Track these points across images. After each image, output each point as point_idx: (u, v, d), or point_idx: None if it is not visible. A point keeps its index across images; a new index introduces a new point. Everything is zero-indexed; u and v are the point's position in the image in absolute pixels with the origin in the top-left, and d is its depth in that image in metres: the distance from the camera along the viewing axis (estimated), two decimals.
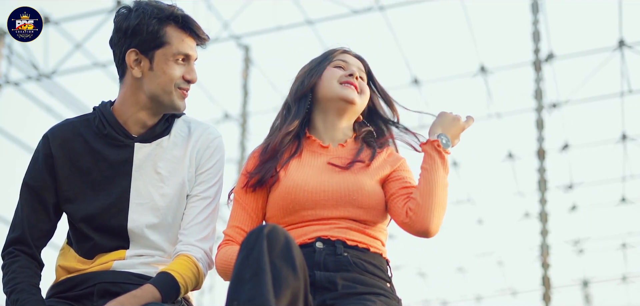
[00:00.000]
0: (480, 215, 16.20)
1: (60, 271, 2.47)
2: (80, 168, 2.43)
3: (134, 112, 2.43)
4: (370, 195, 2.44)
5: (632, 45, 11.18)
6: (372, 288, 2.34)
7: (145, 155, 2.44)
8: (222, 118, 12.91)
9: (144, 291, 2.28)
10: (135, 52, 2.39)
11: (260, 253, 1.98)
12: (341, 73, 2.60)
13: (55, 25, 10.84)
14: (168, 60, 2.39)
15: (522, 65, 11.86)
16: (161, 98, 2.41)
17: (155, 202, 2.43)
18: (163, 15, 2.38)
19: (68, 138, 2.45)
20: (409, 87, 12.13)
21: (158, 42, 2.38)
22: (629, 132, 12.75)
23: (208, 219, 2.48)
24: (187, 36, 2.42)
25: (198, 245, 2.44)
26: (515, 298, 19.04)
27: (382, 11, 11.00)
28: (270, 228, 2.02)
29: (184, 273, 2.36)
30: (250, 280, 1.94)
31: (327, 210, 2.43)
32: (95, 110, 2.48)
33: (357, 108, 2.60)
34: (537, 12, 10.43)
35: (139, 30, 2.37)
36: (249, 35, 11.85)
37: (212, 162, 2.51)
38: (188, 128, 2.53)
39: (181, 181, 2.46)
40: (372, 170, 2.51)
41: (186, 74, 2.42)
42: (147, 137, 2.45)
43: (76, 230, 2.45)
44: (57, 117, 10.99)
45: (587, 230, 16.75)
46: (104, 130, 2.43)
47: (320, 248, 2.38)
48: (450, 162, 14.46)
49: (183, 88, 2.43)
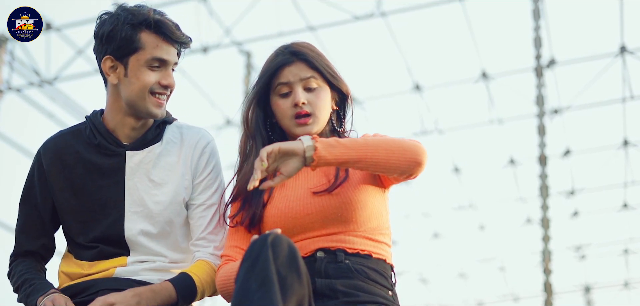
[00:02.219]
0: (482, 221, 16.19)
1: (63, 277, 2.48)
2: (73, 180, 2.42)
3: (119, 119, 2.42)
4: (359, 208, 2.36)
5: (633, 51, 11.18)
6: (373, 297, 2.31)
7: (137, 162, 2.42)
8: (224, 124, 12.90)
9: (161, 287, 2.30)
10: (110, 59, 2.37)
11: (266, 261, 1.95)
12: (288, 106, 2.41)
13: (57, 31, 10.86)
14: (142, 66, 2.35)
15: (523, 71, 11.86)
16: (136, 104, 2.37)
17: (149, 209, 2.42)
18: (136, 21, 2.34)
19: (60, 151, 2.45)
20: (410, 93, 12.14)
21: (132, 47, 2.34)
22: (630, 138, 12.74)
23: (218, 225, 2.48)
24: (162, 41, 2.36)
25: (216, 253, 2.44)
26: (517, 304, 19.03)
27: (384, 17, 11.01)
28: (274, 236, 2.00)
29: (203, 277, 2.37)
30: (258, 290, 1.92)
31: (319, 230, 2.37)
32: (87, 120, 2.48)
33: (315, 133, 2.42)
34: (538, 18, 10.43)
35: (113, 37, 2.34)
36: (251, 41, 11.85)
37: (210, 168, 2.49)
38: (180, 134, 2.50)
39: (175, 187, 2.44)
40: (355, 178, 2.40)
41: (162, 80, 2.37)
42: (139, 144, 2.44)
43: (74, 241, 2.45)
44: (59, 123, 11.00)
45: (589, 235, 16.74)
46: (95, 140, 2.42)
47: (321, 257, 2.34)
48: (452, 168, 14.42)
49: (158, 94, 2.38)
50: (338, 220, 2.36)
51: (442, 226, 16.45)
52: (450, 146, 13.90)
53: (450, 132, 13.18)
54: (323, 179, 2.40)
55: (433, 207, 15.71)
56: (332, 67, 2.49)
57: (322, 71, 2.45)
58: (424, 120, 12.58)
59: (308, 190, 2.39)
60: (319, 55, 2.47)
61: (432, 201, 15.73)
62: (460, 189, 14.64)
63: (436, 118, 12.80)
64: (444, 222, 16.32)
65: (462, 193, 14.87)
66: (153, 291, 2.29)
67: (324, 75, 2.45)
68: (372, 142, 2.28)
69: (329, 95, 2.47)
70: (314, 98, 2.43)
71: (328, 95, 2.47)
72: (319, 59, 2.46)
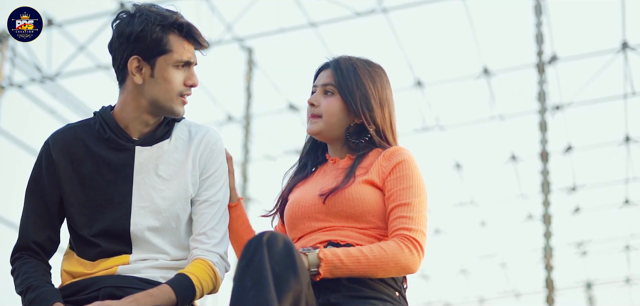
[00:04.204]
0: (483, 217, 16.21)
1: (65, 275, 2.48)
2: (82, 173, 2.43)
3: (135, 116, 2.43)
4: (362, 205, 2.45)
5: (635, 47, 11.18)
6: (377, 294, 2.35)
7: (146, 158, 2.44)
8: (226, 120, 12.92)
9: (160, 291, 2.30)
10: (137, 59, 2.38)
11: (261, 260, 2.01)
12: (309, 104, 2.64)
13: (59, 27, 10.86)
14: (169, 67, 2.39)
15: (525, 67, 11.86)
16: (162, 104, 2.41)
17: (156, 204, 2.43)
18: (167, 23, 2.38)
19: (69, 143, 2.45)
20: (412, 89, 12.14)
21: (161, 49, 2.37)
22: (632, 134, 12.75)
23: (220, 223, 2.49)
24: (188, 44, 2.42)
25: (214, 250, 2.45)
26: (519, 300, 19.05)
27: (385, 13, 11.01)
28: (269, 235, 2.06)
29: (201, 276, 2.38)
30: (253, 288, 1.97)
31: (324, 222, 2.47)
32: (96, 115, 2.49)
33: (318, 136, 2.62)
34: (540, 14, 10.42)
35: (143, 37, 2.36)
36: (252, 37, 11.86)
37: (217, 165, 2.52)
38: (189, 132, 2.53)
39: (183, 184, 2.46)
40: (362, 179, 2.49)
41: (187, 80, 2.43)
42: (148, 140, 2.46)
43: (78, 235, 2.45)
44: (61, 119, 11.01)
45: (591, 232, 16.76)
46: (105, 134, 2.43)
47: None
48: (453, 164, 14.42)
49: (185, 95, 2.44)
50: (342, 215, 2.45)
51: (443, 222, 16.48)
52: (452, 142, 13.92)
53: (451, 128, 13.19)
54: (335, 182, 2.52)
55: (434, 203, 15.70)
56: (362, 92, 2.56)
57: (337, 86, 2.57)
58: (425, 117, 12.59)
59: (320, 189, 2.52)
60: (349, 71, 2.58)
61: (433, 197, 15.71)
62: (461, 185, 14.67)
63: (437, 114, 12.81)
64: (445, 218, 16.34)
65: (463, 189, 14.89)
66: (151, 295, 2.28)
67: (339, 89, 2.57)
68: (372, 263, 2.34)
69: (340, 105, 2.57)
70: (324, 102, 2.59)
71: (339, 105, 2.57)
72: (346, 78, 2.57)
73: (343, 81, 2.57)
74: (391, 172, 2.48)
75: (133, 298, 2.27)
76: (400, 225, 2.40)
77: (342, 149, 2.63)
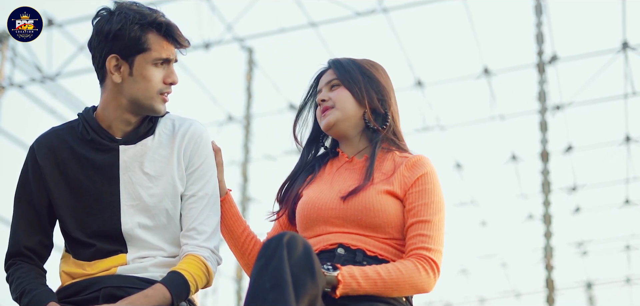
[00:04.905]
0: (484, 217, 16.21)
1: (64, 276, 2.47)
2: (68, 176, 2.42)
3: (117, 115, 2.42)
4: (379, 215, 2.42)
5: (635, 47, 11.18)
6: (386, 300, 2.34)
7: (130, 156, 2.43)
8: (226, 120, 12.91)
9: (154, 291, 2.29)
10: (115, 58, 2.36)
11: (280, 261, 2.00)
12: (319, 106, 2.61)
13: (59, 27, 10.86)
14: (147, 65, 2.37)
15: (525, 67, 11.86)
16: (142, 102, 2.39)
17: (145, 202, 2.42)
18: (146, 22, 2.35)
19: (53, 147, 2.44)
20: (412, 89, 12.14)
21: (139, 48, 2.35)
22: (632, 134, 12.74)
23: (210, 217, 2.47)
24: (167, 43, 2.39)
25: (204, 245, 2.43)
26: (519, 300, 19.05)
27: (386, 13, 11.01)
28: (289, 236, 2.04)
29: (194, 272, 2.37)
30: (272, 289, 1.96)
31: (339, 227, 2.44)
32: (79, 117, 2.48)
33: (334, 128, 2.56)
34: (540, 14, 10.42)
35: (121, 35, 2.34)
36: (253, 37, 11.86)
37: (203, 158, 2.49)
38: (172, 126, 2.50)
39: (170, 180, 2.44)
40: (380, 187, 2.45)
41: (167, 78, 2.40)
42: (131, 138, 2.44)
43: (71, 236, 2.44)
44: (61, 119, 11.00)
45: (591, 232, 16.78)
46: (88, 135, 2.42)
47: (341, 254, 2.39)
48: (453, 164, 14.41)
49: (165, 93, 2.41)
50: (357, 223, 2.42)
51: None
52: (452, 142, 13.92)
53: (452, 128, 13.19)
54: (354, 183, 2.48)
55: None
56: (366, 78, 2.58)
57: (340, 78, 2.57)
58: (426, 117, 12.59)
59: (338, 191, 2.48)
60: (349, 64, 2.61)
61: None
62: (461, 185, 14.66)
63: (438, 114, 12.81)
64: (445, 218, 16.30)
65: (463, 189, 14.88)
66: (146, 296, 2.27)
67: (343, 81, 2.57)
68: (389, 285, 2.32)
69: (348, 94, 2.56)
70: (333, 94, 2.57)
71: (347, 94, 2.56)
72: (347, 69, 2.59)
73: (345, 73, 2.57)
74: (414, 184, 2.46)
75: (129, 301, 2.26)
76: (419, 244, 2.38)
77: (359, 144, 2.58)
